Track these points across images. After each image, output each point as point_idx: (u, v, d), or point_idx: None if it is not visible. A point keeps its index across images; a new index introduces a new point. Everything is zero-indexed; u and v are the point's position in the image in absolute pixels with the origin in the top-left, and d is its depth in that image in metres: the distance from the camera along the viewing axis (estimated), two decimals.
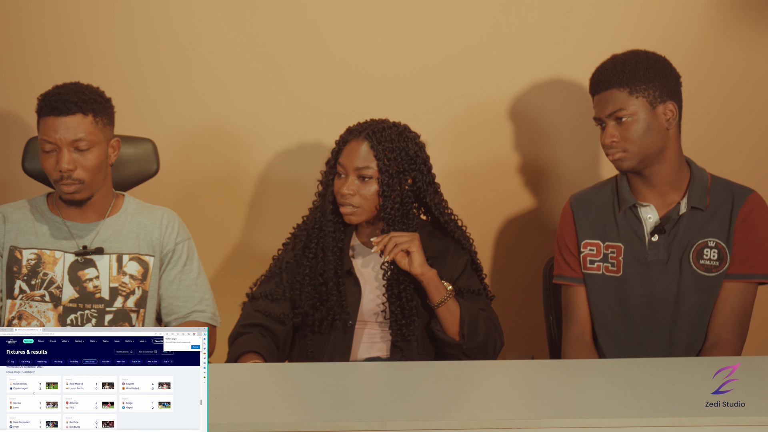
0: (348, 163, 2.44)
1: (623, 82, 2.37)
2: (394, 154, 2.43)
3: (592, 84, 2.45)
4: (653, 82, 2.37)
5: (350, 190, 2.43)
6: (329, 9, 3.01)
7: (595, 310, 2.47)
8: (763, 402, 1.83)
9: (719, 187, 2.43)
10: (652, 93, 2.37)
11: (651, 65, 2.39)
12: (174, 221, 2.52)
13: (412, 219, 2.47)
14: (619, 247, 2.45)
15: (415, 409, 1.83)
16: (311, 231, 2.51)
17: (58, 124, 2.33)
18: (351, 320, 2.46)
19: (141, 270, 2.46)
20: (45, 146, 2.35)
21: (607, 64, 2.43)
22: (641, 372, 2.09)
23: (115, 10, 2.97)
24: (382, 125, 2.47)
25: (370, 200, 2.44)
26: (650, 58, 2.41)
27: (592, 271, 2.47)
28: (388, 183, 2.42)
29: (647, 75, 2.37)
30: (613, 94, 2.38)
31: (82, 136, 2.35)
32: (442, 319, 2.42)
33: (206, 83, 3.02)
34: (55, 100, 2.35)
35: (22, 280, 2.40)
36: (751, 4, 3.02)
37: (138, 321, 2.44)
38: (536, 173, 3.11)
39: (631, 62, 2.39)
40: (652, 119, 2.37)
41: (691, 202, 2.40)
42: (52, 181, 2.38)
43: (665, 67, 2.42)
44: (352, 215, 2.45)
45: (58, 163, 2.33)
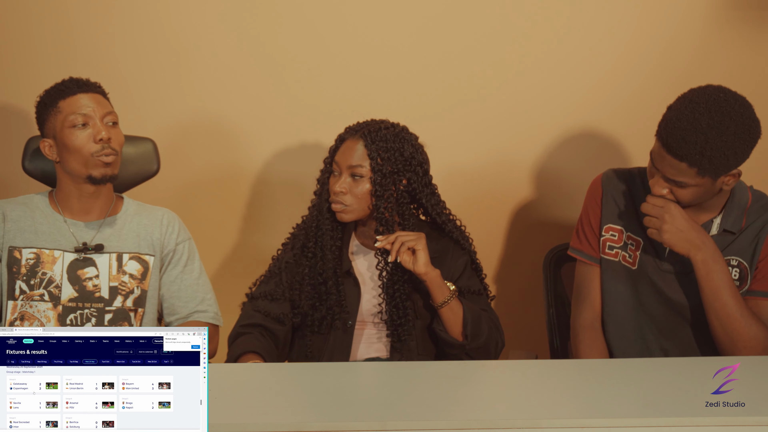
0: (342, 161, 2.45)
1: (696, 164, 2.17)
2: (389, 155, 2.43)
3: (665, 140, 2.20)
4: (728, 165, 2.18)
5: (342, 188, 2.43)
6: (328, 9, 3.01)
7: (607, 296, 2.43)
8: (763, 402, 1.83)
9: (757, 207, 2.34)
10: (721, 172, 2.20)
11: (733, 150, 2.16)
12: (174, 221, 2.53)
13: (408, 219, 2.47)
14: (638, 241, 2.40)
15: (415, 409, 1.83)
16: (309, 230, 2.51)
17: (88, 98, 2.40)
18: (350, 320, 2.46)
19: (141, 269, 2.46)
20: (77, 120, 2.37)
21: (689, 135, 2.15)
22: (641, 372, 2.09)
23: (115, 10, 2.97)
24: (379, 125, 2.47)
25: (361, 199, 2.44)
26: (736, 139, 2.16)
27: (610, 257, 2.43)
28: (381, 183, 2.42)
29: (726, 162, 2.17)
30: (681, 167, 2.19)
31: (111, 110, 2.43)
32: (445, 319, 2.42)
33: (206, 83, 3.02)
34: (77, 81, 2.41)
35: (22, 280, 2.39)
36: (751, 4, 3.02)
37: (136, 320, 2.44)
38: (536, 172, 3.11)
39: (714, 148, 2.14)
40: (710, 188, 2.24)
41: (724, 225, 2.33)
42: (87, 155, 2.38)
43: (746, 143, 2.18)
44: (343, 213, 2.45)
45: (95, 134, 2.37)
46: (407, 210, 2.48)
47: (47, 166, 2.55)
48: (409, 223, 2.47)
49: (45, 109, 2.42)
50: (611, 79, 3.06)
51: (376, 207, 2.44)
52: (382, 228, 2.43)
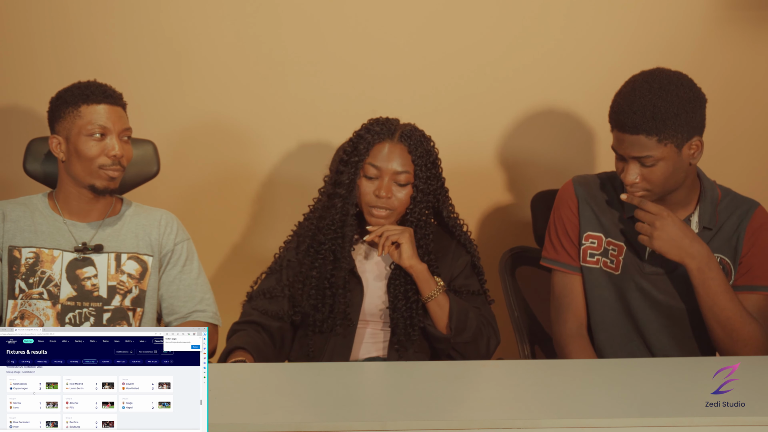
0: (385, 166, 2.41)
1: (653, 131, 2.20)
2: (425, 159, 2.43)
3: (617, 121, 2.26)
4: (682, 125, 2.22)
5: (388, 193, 2.41)
6: (330, 9, 3.01)
7: (592, 304, 2.42)
8: (763, 402, 1.83)
9: (726, 202, 2.36)
10: (680, 136, 2.22)
11: (681, 106, 2.21)
12: (173, 222, 2.53)
13: (428, 221, 2.48)
14: (621, 246, 2.40)
15: (415, 409, 1.83)
16: (325, 231, 2.48)
17: (112, 111, 2.40)
18: (353, 320, 2.45)
19: (139, 269, 2.46)
20: (95, 130, 2.38)
21: (636, 106, 2.22)
22: (641, 372, 2.09)
23: (115, 10, 2.97)
24: (411, 128, 2.46)
25: (404, 203, 2.44)
26: (679, 96, 2.22)
27: (591, 265, 2.42)
28: (423, 189, 2.42)
29: (678, 120, 2.21)
30: (640, 140, 2.22)
31: (129, 126, 2.44)
32: (431, 313, 2.42)
33: (207, 83, 3.02)
34: (103, 90, 2.41)
35: (21, 279, 2.40)
36: (751, 4, 3.02)
37: (135, 320, 2.44)
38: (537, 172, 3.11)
39: (661, 106, 2.20)
40: (677, 160, 2.25)
41: (702, 222, 2.34)
42: (95, 166, 2.39)
43: (694, 103, 2.24)
44: (386, 219, 2.44)
45: (108, 149, 2.38)
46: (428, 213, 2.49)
47: (48, 168, 2.55)
48: (430, 225, 2.48)
49: (64, 107, 2.40)
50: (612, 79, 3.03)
51: (413, 212, 2.44)
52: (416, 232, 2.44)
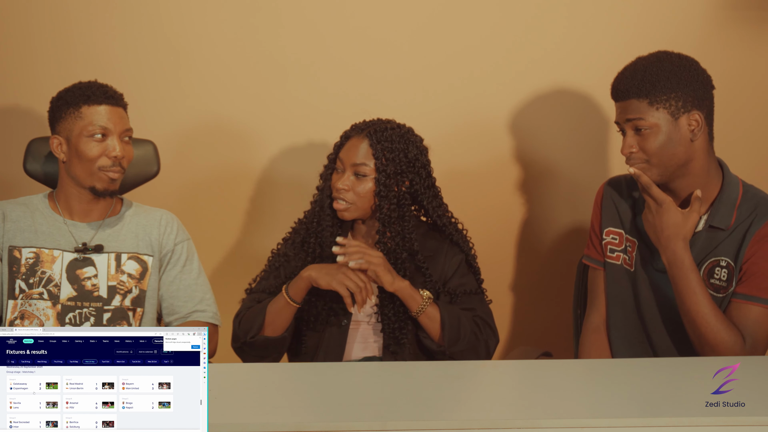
0: (346, 159, 2.44)
1: (643, 93, 2.23)
2: (393, 155, 2.43)
3: (613, 90, 2.31)
4: (676, 91, 2.22)
5: (345, 186, 2.43)
6: (330, 9, 3.01)
7: (610, 299, 2.44)
8: (763, 402, 1.83)
9: (748, 203, 2.30)
10: (674, 103, 2.23)
11: (675, 73, 2.23)
12: (173, 222, 2.53)
13: (408, 221, 2.47)
14: (634, 242, 2.41)
15: (415, 409, 1.83)
16: (310, 225, 2.52)
17: (113, 112, 2.40)
18: (345, 319, 2.46)
19: (139, 269, 2.46)
20: (96, 131, 2.38)
21: (628, 71, 2.28)
22: (641, 372, 2.09)
23: (115, 10, 2.97)
24: (385, 125, 2.47)
25: (364, 198, 2.44)
26: (675, 65, 2.25)
27: (613, 261, 2.44)
28: (385, 183, 2.42)
29: (669, 84, 2.22)
30: (632, 104, 2.24)
31: (130, 127, 2.44)
32: (424, 326, 2.43)
33: (207, 83, 3.02)
34: (104, 90, 2.41)
35: (21, 279, 2.40)
36: (751, 4, 3.02)
37: (135, 320, 2.44)
38: (537, 173, 3.11)
39: (653, 70, 2.23)
40: (673, 131, 2.23)
41: (710, 221, 2.29)
42: (94, 168, 2.39)
43: (691, 74, 2.25)
44: (345, 211, 2.45)
45: (110, 150, 2.38)
46: (408, 211, 2.48)
47: (48, 168, 2.55)
48: (409, 224, 2.47)
49: (65, 108, 2.40)
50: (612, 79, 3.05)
51: (379, 207, 2.44)
52: (383, 229, 2.43)
